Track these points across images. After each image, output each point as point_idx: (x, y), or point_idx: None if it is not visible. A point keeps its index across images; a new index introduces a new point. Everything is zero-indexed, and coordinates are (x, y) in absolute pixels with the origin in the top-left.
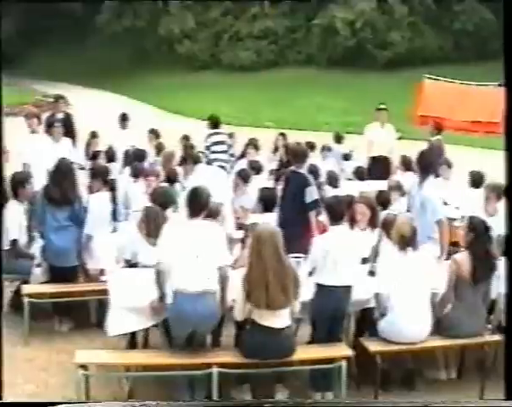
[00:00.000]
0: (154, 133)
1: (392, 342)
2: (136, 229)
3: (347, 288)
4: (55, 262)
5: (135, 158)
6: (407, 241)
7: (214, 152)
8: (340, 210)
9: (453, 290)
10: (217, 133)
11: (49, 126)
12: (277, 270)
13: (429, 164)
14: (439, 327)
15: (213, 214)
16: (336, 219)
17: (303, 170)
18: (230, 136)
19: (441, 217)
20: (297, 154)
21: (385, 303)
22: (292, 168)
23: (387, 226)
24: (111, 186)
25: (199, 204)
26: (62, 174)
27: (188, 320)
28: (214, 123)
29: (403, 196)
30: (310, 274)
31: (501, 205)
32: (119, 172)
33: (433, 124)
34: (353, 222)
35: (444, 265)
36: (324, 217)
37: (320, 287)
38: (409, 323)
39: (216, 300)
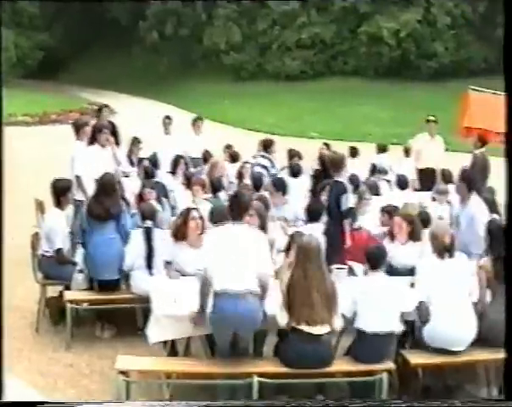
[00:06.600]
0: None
1: (436, 350)
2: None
3: (390, 335)
4: (98, 275)
5: (188, 166)
6: (446, 247)
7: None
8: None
9: (486, 291)
10: (263, 157)
11: (96, 133)
12: (322, 289)
13: (472, 182)
14: (481, 332)
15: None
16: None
17: (343, 179)
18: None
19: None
20: (335, 163)
21: (427, 310)
22: (334, 178)
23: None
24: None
25: (241, 206)
26: (104, 192)
27: (229, 320)
28: (265, 147)
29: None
30: (352, 320)
31: None
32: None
33: (477, 136)
34: (391, 235)
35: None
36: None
37: (360, 333)
38: (452, 328)
39: (257, 302)
